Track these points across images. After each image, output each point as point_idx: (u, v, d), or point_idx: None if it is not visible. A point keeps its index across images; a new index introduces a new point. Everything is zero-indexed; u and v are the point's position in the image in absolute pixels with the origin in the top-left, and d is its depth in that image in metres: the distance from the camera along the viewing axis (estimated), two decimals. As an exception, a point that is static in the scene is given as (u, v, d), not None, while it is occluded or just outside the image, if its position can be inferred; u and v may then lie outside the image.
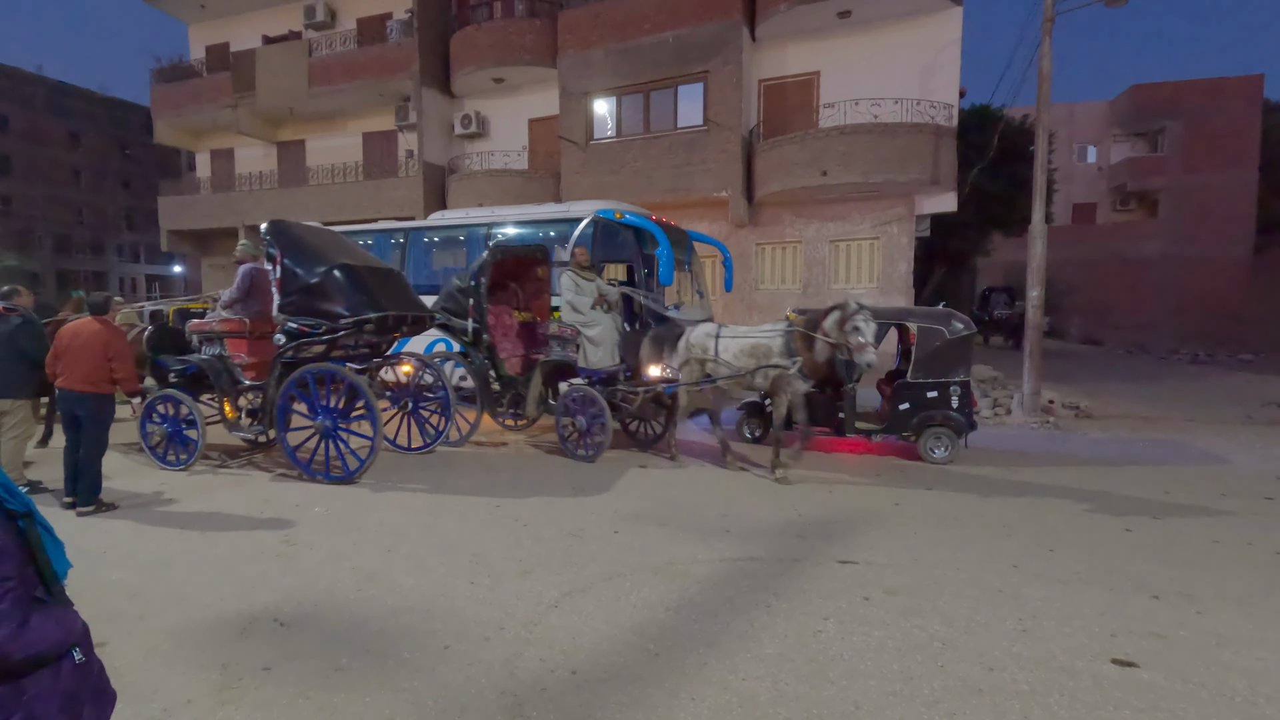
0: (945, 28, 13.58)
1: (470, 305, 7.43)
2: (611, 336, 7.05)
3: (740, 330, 6.54)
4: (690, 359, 6.65)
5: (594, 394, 6.80)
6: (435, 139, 18.49)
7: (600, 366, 7.00)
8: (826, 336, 5.93)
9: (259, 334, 6.92)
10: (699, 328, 6.75)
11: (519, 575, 4.03)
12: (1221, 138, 29.71)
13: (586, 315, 7.00)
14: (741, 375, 6.33)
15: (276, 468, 6.69)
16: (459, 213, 12.17)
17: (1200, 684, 2.88)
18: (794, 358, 6.07)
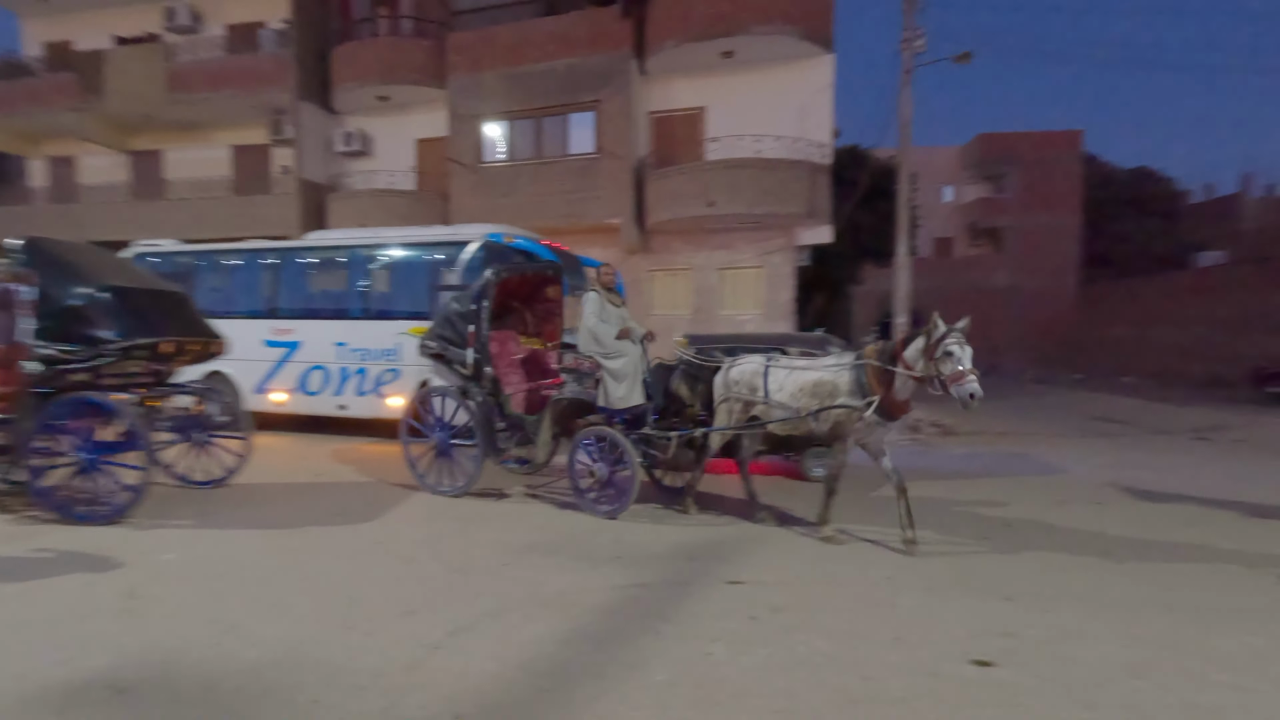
0: (819, 73, 14.58)
1: (470, 332, 6.35)
2: (637, 370, 5.90)
3: (796, 364, 5.51)
4: (730, 398, 5.66)
5: (616, 437, 5.72)
6: (314, 155, 17.60)
7: (624, 405, 5.86)
8: (910, 369, 4.86)
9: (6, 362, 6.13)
10: (742, 362, 5.72)
11: (400, 616, 3.80)
12: (1050, 183, 33.69)
13: (609, 345, 5.89)
14: (800, 418, 5.27)
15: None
16: (340, 233, 11.61)
17: (1048, 678, 3.15)
18: (867, 396, 4.98)
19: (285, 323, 10.29)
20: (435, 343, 6.59)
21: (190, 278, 10.98)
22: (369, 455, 8.84)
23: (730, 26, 13.81)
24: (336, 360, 9.95)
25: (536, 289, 7.34)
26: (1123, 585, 4.37)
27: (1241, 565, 4.83)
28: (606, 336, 5.88)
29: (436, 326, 6.63)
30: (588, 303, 5.99)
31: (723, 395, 5.71)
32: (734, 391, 5.64)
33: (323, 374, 10.01)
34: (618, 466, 5.83)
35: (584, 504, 5.92)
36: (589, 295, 6.02)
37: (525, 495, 6.71)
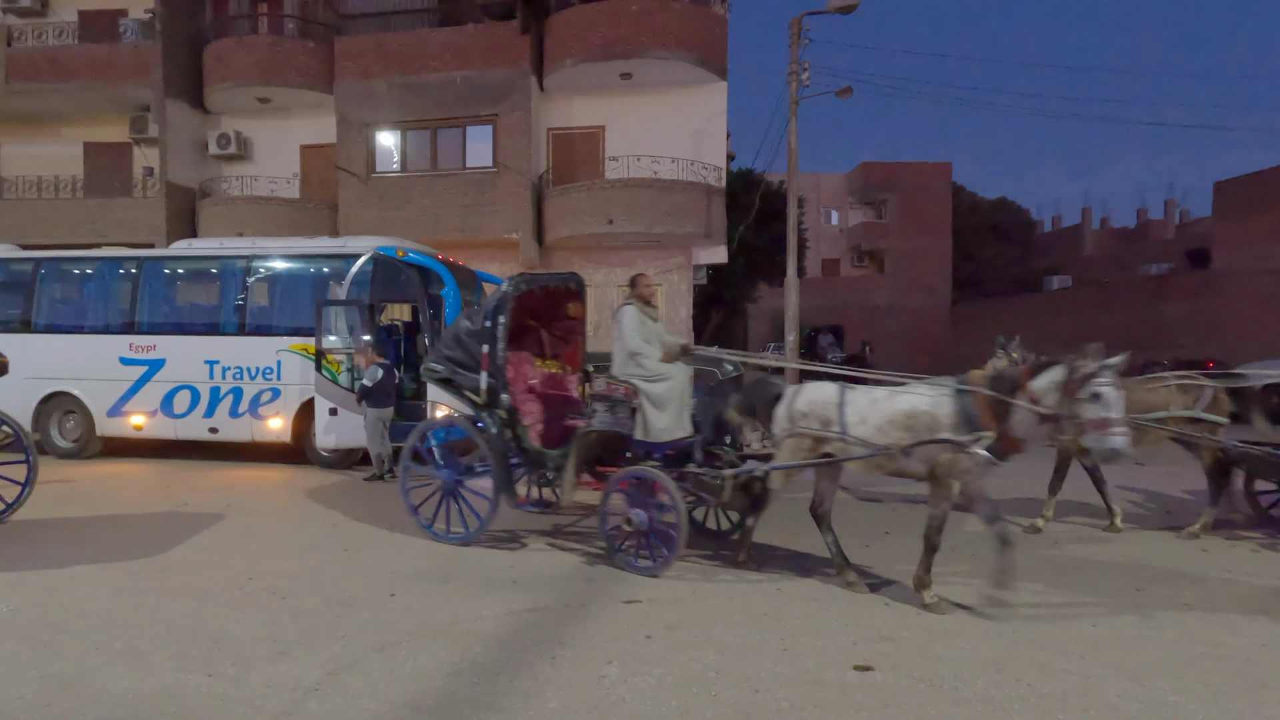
0: (713, 99, 15.12)
1: (484, 354, 5.36)
2: (683, 397, 5.05)
3: (879, 392, 4.60)
4: (798, 431, 4.64)
5: (659, 477, 4.78)
6: (183, 157, 16.29)
7: (667, 438, 4.98)
8: (1037, 404, 3.97)
9: None
10: (811, 388, 4.80)
11: (272, 658, 3.53)
12: (925, 211, 36.52)
13: (653, 369, 4.99)
14: (888, 455, 4.30)
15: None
16: (212, 242, 10.80)
17: (919, 677, 3.35)
18: (977, 430, 4.05)
19: (146, 338, 9.40)
20: (442, 365, 5.68)
21: (30, 287, 9.83)
22: (242, 482, 8.20)
23: (628, 49, 14.08)
24: (207, 379, 9.19)
25: (555, 305, 6.40)
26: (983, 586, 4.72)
27: (1095, 565, 5.36)
28: (650, 356, 5.03)
29: (444, 346, 5.75)
30: (625, 318, 5.14)
31: (786, 429, 4.68)
32: (802, 425, 4.59)
33: (190, 394, 9.22)
34: (661, 512, 4.82)
35: (618, 557, 4.96)
36: (625, 310, 5.19)
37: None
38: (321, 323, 8.65)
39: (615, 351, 5.17)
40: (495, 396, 5.44)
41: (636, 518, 4.83)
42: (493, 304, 5.51)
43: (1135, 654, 3.62)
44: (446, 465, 5.69)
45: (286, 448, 9.17)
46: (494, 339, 5.41)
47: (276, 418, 9.05)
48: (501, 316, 5.44)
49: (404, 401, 8.82)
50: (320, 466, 8.92)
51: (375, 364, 8.08)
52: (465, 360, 5.55)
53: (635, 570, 4.81)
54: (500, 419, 5.45)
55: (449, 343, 5.72)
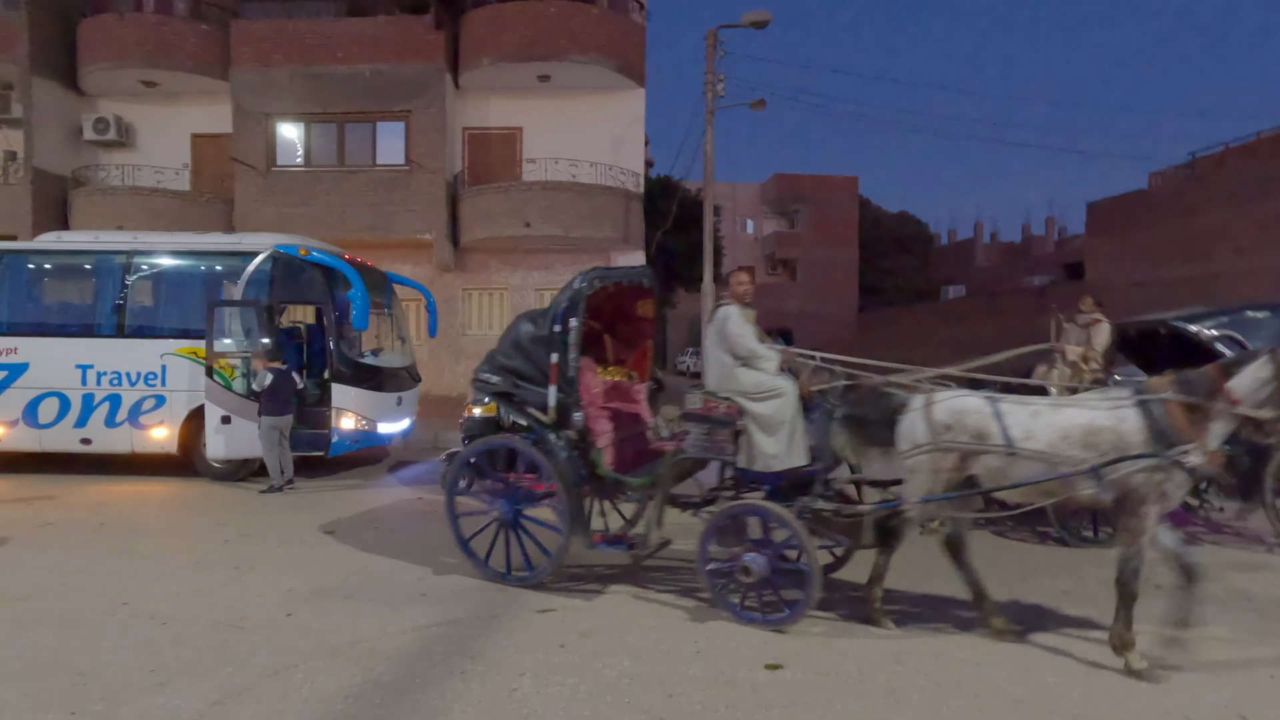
0: (631, 105, 15.23)
1: (553, 364, 4.52)
2: (798, 417, 4.24)
3: (1036, 403, 3.92)
4: (941, 448, 3.81)
5: (781, 514, 3.97)
6: (54, 142, 14.86)
7: (781, 466, 4.16)
8: (1237, 405, 3.42)
9: None
10: (951, 398, 3.92)
11: (148, 690, 3.23)
12: (834, 222, 38.15)
13: (766, 380, 4.25)
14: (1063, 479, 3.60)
15: None
16: (86, 235, 9.90)
17: (826, 673, 3.45)
18: (1174, 444, 3.41)
19: (5, 340, 8.48)
20: (499, 377, 4.84)
21: None
22: (119, 496, 7.51)
23: (546, 51, 13.96)
24: (79, 386, 8.37)
25: (623, 304, 5.46)
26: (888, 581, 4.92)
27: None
28: (767, 368, 4.29)
29: (501, 355, 4.87)
30: (731, 321, 4.35)
31: (925, 443, 3.85)
32: (948, 439, 3.80)
33: (59, 402, 8.37)
34: (784, 554, 4.09)
35: (730, 609, 4.11)
36: (725, 311, 4.44)
37: (322, 531, 6.07)
38: (213, 324, 8.06)
39: (711, 361, 4.47)
40: (566, 414, 4.57)
41: (755, 563, 3.98)
42: (563, 304, 4.63)
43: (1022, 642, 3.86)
44: (504, 493, 4.84)
45: (172, 459, 8.48)
46: (565, 347, 4.56)
47: (161, 427, 8.35)
48: (574, 320, 4.58)
49: (306, 409, 8.35)
50: (210, 478, 8.30)
51: (268, 369, 7.60)
52: (528, 371, 4.74)
53: (754, 623, 4.00)
54: (570, 440, 4.60)
55: (507, 350, 4.88)
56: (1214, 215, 18.95)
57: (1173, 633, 3.55)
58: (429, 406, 11.79)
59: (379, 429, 8.69)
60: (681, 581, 4.82)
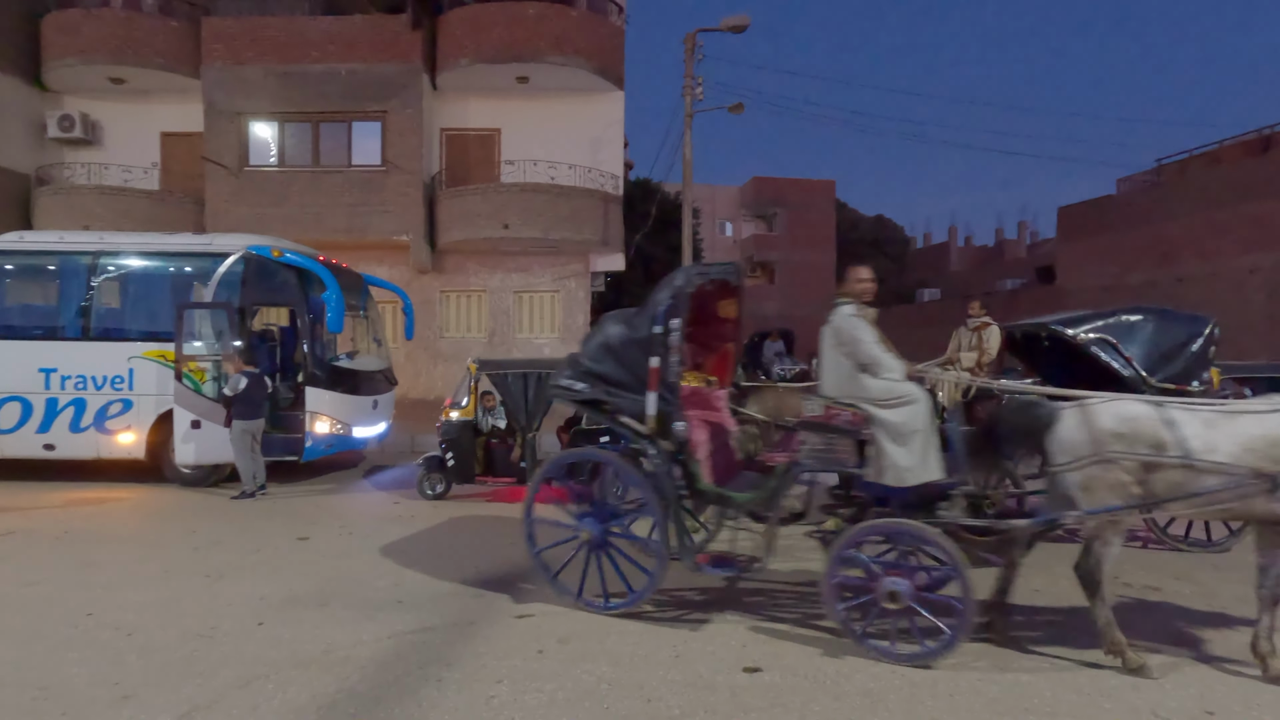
0: (610, 107, 15.22)
1: (654, 368, 4.10)
2: (931, 426, 3.81)
3: (1207, 410, 3.59)
4: (1107, 457, 3.50)
5: (927, 532, 3.61)
6: (15, 138, 14.49)
7: (916, 480, 3.73)
8: None
9: None
10: (1117, 405, 3.64)
11: (113, 704, 3.14)
12: (812, 225, 38.47)
13: (896, 385, 3.85)
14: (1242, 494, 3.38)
15: None
16: (50, 236, 9.64)
17: (804, 675, 3.46)
18: None
19: (-37, 342, 8.22)
20: (584, 384, 4.42)
21: None
22: (84, 503, 7.31)
23: (524, 52, 13.90)
24: (42, 390, 8.14)
25: (705, 303, 5.05)
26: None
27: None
28: (892, 372, 3.90)
29: (589, 359, 4.44)
30: (853, 322, 3.98)
31: (1090, 453, 3.55)
32: (1119, 449, 3.48)
33: (20, 406, 8.14)
34: (935, 581, 3.79)
35: (865, 644, 3.68)
36: (844, 310, 4.05)
37: (298, 539, 5.96)
38: (183, 327, 7.89)
39: (828, 365, 4.06)
40: (667, 424, 4.13)
41: (899, 588, 3.58)
42: (664, 303, 4.21)
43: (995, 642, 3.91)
44: (591, 511, 4.40)
45: (140, 465, 8.28)
46: (667, 350, 4.13)
47: (128, 432, 8.15)
48: (677, 321, 4.17)
49: (279, 413, 8.21)
50: (180, 485, 8.12)
51: (241, 372, 7.46)
52: (621, 377, 4.31)
53: (898, 660, 3.57)
54: (668, 452, 4.16)
55: (594, 354, 4.45)
56: (1179, 221, 19.44)
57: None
58: (405, 410, 11.66)
59: (354, 433, 8.57)
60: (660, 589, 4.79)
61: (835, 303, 4.17)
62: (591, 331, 4.68)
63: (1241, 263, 17.94)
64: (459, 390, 7.78)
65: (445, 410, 7.67)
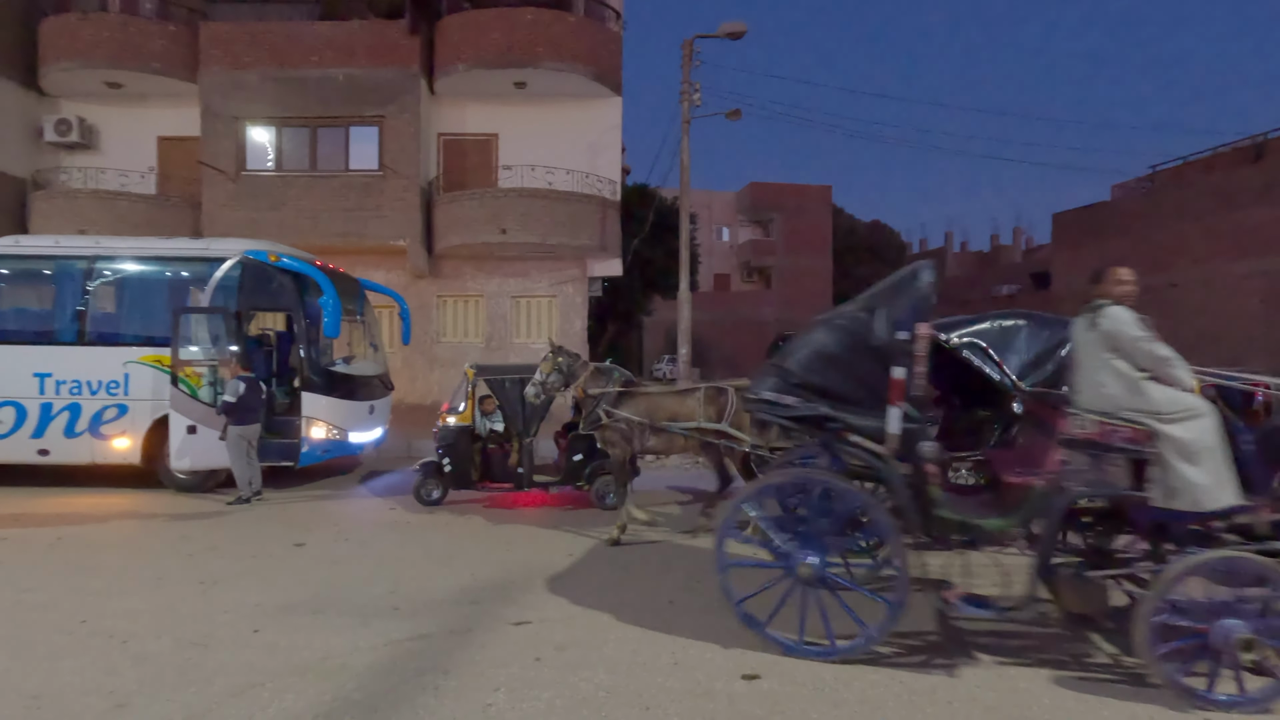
0: (608, 113, 15.25)
1: (897, 380, 3.55)
2: (1221, 443, 3.33)
3: None
4: None
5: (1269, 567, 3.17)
6: (11, 143, 14.47)
7: (1213, 505, 3.28)
8: None
9: None
10: None
11: (107, 713, 3.12)
12: (808, 231, 38.57)
13: (1182, 397, 3.40)
14: None
15: None
16: (45, 240, 9.60)
17: (803, 682, 3.46)
18: None
19: (-41, 347, 8.18)
20: (796, 398, 3.84)
21: None
22: (78, 509, 7.26)
23: (522, 58, 13.93)
24: (36, 395, 8.11)
25: None
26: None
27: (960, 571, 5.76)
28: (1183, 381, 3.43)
29: (802, 369, 3.86)
30: (1128, 326, 3.46)
31: None
32: None
33: (15, 411, 8.10)
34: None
35: (1195, 700, 3.23)
36: (1115, 312, 3.53)
37: (293, 544, 5.93)
38: (179, 332, 7.86)
39: (1089, 374, 3.57)
40: (913, 444, 3.59)
41: (1246, 631, 3.15)
42: (910, 301, 3.66)
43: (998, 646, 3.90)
44: (806, 543, 3.80)
45: (135, 470, 8.24)
46: (911, 359, 3.57)
47: (123, 437, 8.12)
48: (924, 326, 3.60)
49: (275, 418, 8.18)
50: (175, 490, 8.09)
51: (237, 377, 7.44)
52: (847, 390, 3.74)
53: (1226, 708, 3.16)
54: (906, 476, 3.64)
55: (809, 364, 3.87)
56: (1173, 227, 19.55)
57: None
58: (402, 415, 11.63)
59: (350, 438, 8.55)
60: (657, 597, 4.78)
61: (1096, 304, 3.63)
62: (801, 340, 4.12)
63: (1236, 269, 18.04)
64: (456, 395, 7.76)
65: (442, 415, 7.65)
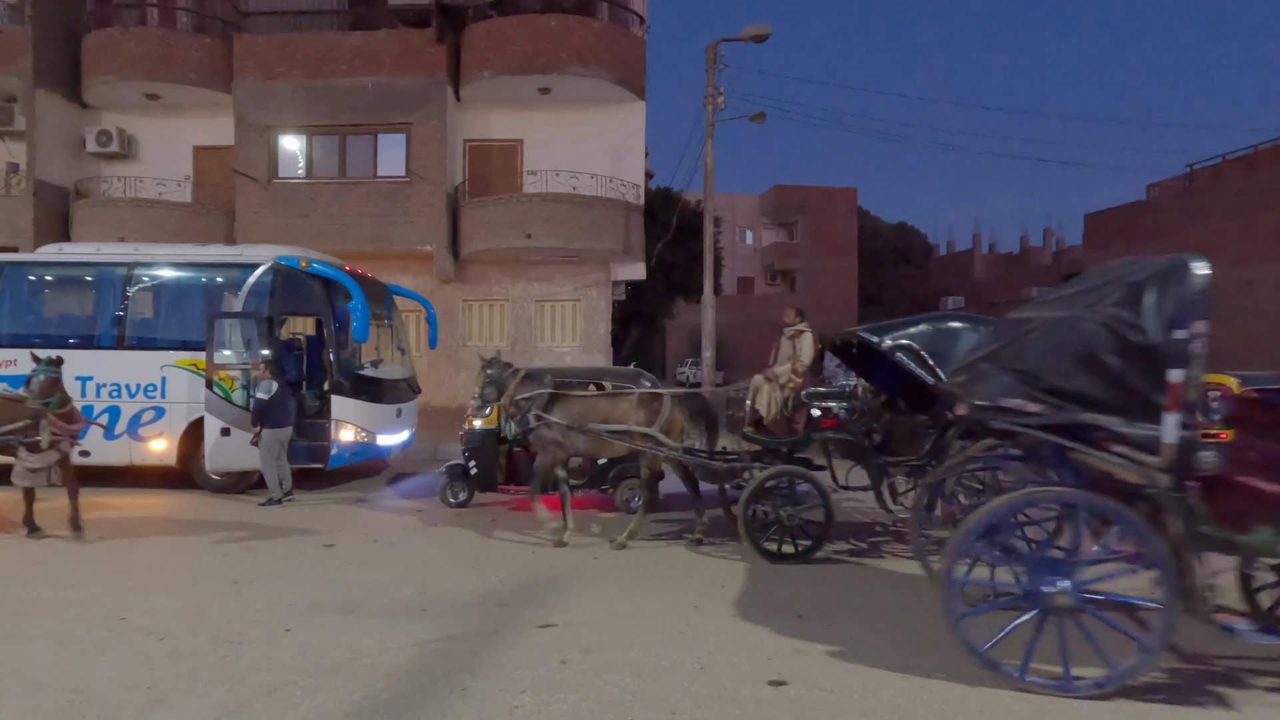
0: (631, 117, 15.29)
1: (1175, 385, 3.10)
2: None
3: None
4: None
5: None
6: (56, 154, 14.92)
7: None
8: None
9: None
10: None
11: (145, 709, 3.20)
12: (833, 233, 38.25)
13: None
14: None
15: None
16: (88, 247, 9.89)
17: (831, 689, 3.42)
18: None
19: (4, 352, 8.46)
20: (1039, 405, 3.46)
21: None
22: (116, 509, 7.46)
23: (547, 64, 14.04)
24: (79, 397, 8.31)
25: None
26: (888, 595, 4.91)
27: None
28: None
29: (1047, 370, 3.48)
30: None
31: None
32: None
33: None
34: None
35: None
36: None
37: (323, 545, 6.03)
38: (214, 336, 8.05)
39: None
40: (1189, 456, 3.15)
41: None
42: (1184, 296, 3.17)
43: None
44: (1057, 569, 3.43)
45: (171, 471, 8.45)
46: (1189, 360, 3.12)
47: (160, 439, 8.33)
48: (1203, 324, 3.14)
49: (305, 420, 8.33)
50: (210, 491, 8.27)
51: (268, 380, 7.59)
52: (1104, 396, 3.31)
53: None
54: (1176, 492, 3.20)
55: (1056, 365, 3.45)
56: (1212, 226, 19.01)
57: None
58: (429, 418, 11.76)
59: (378, 441, 8.66)
60: (682, 600, 4.76)
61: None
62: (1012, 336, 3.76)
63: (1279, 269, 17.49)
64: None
65: (468, 419, 7.72)
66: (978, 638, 3.44)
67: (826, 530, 5.64)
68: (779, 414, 6.36)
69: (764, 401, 6.51)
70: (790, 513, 5.62)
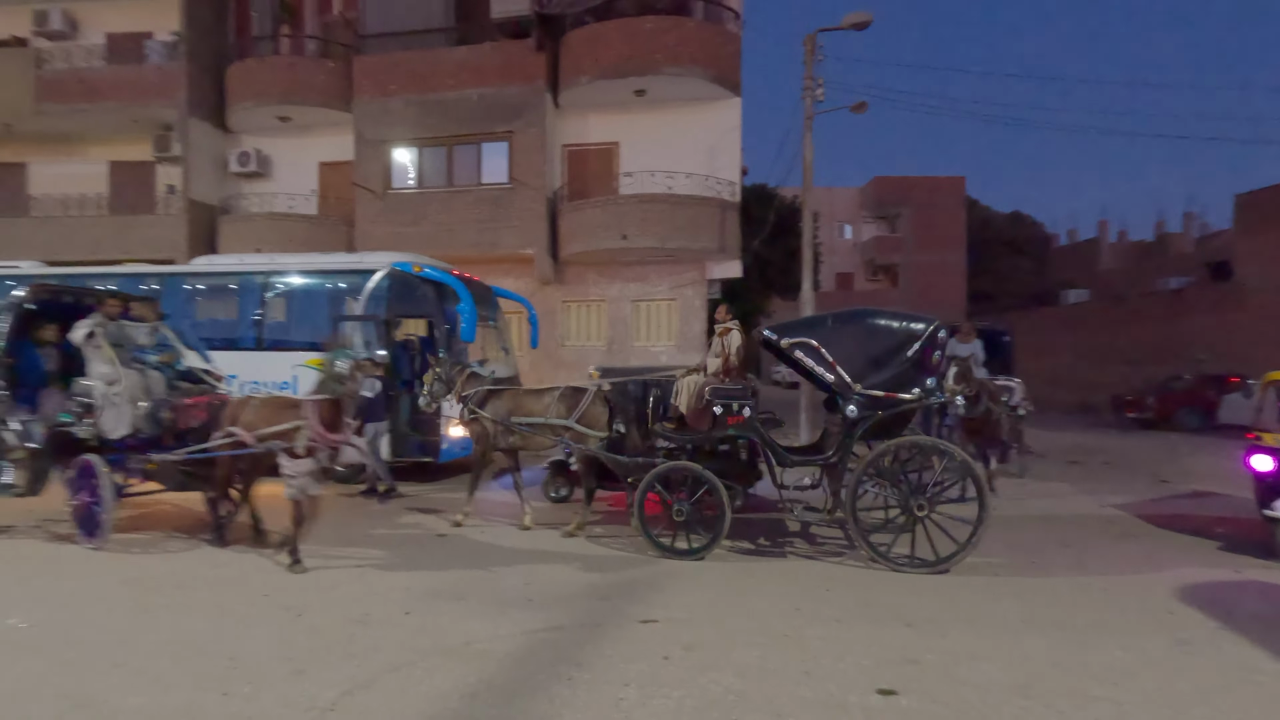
0: (727, 115, 15.16)
1: None
2: None
3: None
4: None
5: None
6: (205, 175, 16.58)
7: None
8: None
9: None
10: None
11: (288, 677, 3.51)
12: (939, 225, 36.38)
13: None
14: None
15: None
16: (231, 258, 10.94)
17: (945, 702, 3.27)
18: None
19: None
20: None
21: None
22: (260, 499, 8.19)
23: (642, 66, 14.17)
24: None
25: None
26: (1007, 605, 4.62)
27: (1109, 583, 5.23)
28: None
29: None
30: None
31: None
32: None
33: None
34: None
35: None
36: None
37: (436, 535, 6.40)
38: (338, 337, 8.69)
39: None
40: None
41: None
42: None
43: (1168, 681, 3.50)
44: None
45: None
46: None
47: (293, 432, 9.08)
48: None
49: (419, 416, 8.82)
50: (336, 482, 8.93)
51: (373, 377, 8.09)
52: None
53: None
54: None
55: None
56: (1396, 204, 16.60)
57: None
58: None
59: (485, 437, 9.05)
60: (782, 601, 4.68)
61: None
62: None
63: None
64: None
65: None
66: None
67: (720, 529, 5.52)
68: (699, 410, 6.23)
69: (684, 399, 6.40)
70: (679, 508, 5.57)
